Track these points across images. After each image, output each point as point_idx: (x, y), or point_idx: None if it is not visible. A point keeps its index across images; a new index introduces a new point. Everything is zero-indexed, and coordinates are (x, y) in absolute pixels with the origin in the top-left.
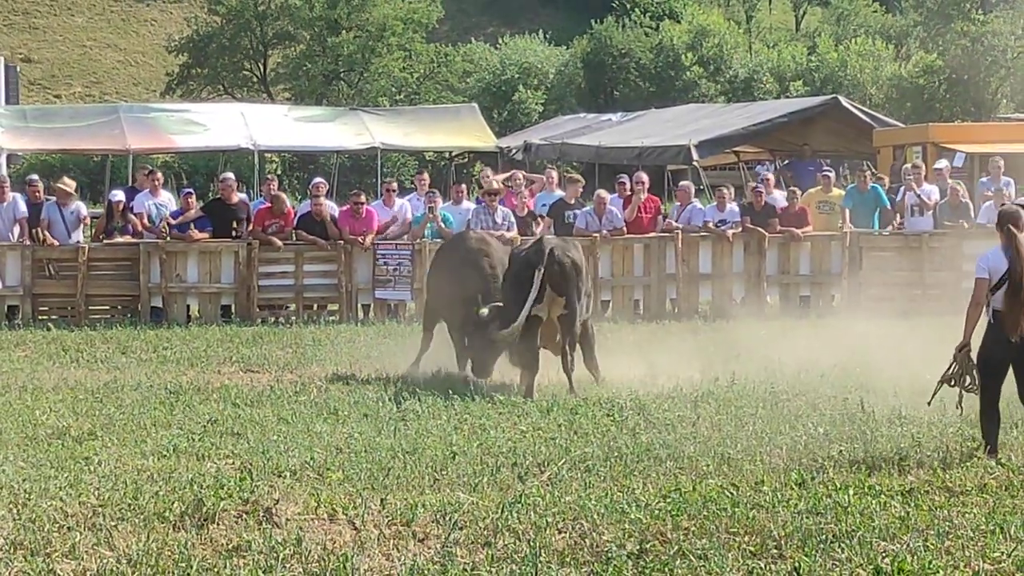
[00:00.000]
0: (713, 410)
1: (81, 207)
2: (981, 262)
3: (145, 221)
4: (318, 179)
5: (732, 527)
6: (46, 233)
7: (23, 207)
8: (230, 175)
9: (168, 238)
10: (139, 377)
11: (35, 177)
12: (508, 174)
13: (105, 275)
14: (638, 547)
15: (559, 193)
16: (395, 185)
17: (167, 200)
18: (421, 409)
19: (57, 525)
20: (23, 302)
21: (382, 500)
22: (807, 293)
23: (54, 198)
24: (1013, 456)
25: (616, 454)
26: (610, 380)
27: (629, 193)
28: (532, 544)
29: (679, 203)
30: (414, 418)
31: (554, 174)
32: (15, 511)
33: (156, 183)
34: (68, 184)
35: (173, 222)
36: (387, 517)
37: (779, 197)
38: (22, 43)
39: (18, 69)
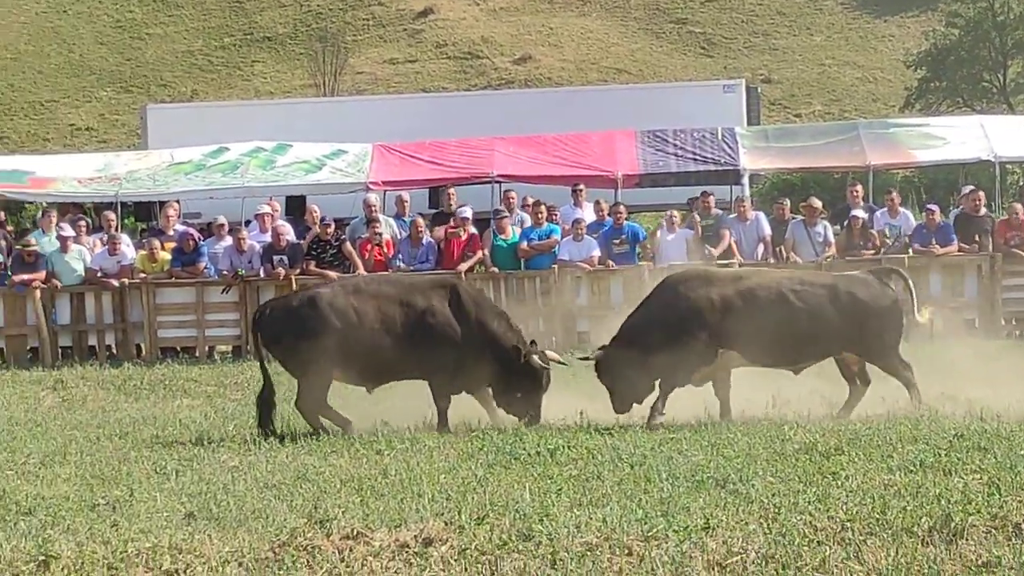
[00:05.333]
0: None
1: (827, 227)
2: None
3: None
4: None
5: None
6: (791, 252)
7: (767, 226)
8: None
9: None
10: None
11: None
12: None
13: None
14: None
15: None
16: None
17: (903, 218)
18: None
19: (807, 539)
20: None
21: None
22: None
23: (801, 217)
24: None
25: None
26: None
27: None
28: None
29: None
30: None
31: None
32: (765, 525)
33: (893, 202)
34: (816, 204)
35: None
36: None
37: None
38: (763, 64)
39: (759, 90)
